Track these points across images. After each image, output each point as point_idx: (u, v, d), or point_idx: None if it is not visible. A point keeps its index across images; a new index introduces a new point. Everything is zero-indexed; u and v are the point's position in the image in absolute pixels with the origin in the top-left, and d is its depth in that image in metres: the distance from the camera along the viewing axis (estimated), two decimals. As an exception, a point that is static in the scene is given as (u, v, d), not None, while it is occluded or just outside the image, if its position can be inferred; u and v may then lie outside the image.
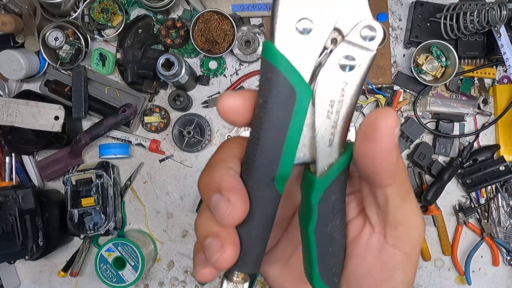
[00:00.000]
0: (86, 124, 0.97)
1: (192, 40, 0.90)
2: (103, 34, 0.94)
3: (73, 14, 0.92)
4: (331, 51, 0.23)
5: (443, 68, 0.91)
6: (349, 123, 0.24)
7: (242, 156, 0.26)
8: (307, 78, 0.23)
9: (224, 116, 0.24)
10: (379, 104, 0.93)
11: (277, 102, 0.23)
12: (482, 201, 0.95)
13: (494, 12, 0.80)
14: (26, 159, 0.95)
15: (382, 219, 0.25)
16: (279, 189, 0.25)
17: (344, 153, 0.24)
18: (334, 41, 0.23)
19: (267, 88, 0.23)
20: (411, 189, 0.25)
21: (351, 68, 0.23)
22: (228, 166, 0.25)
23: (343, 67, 0.23)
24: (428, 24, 0.91)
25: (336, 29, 0.23)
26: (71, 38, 0.92)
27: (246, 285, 0.27)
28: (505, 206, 0.95)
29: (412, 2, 0.93)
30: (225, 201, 0.24)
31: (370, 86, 0.94)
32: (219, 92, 0.96)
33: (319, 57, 0.23)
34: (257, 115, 0.24)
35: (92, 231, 0.90)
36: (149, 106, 0.96)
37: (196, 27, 0.90)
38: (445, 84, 0.94)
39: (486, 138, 0.96)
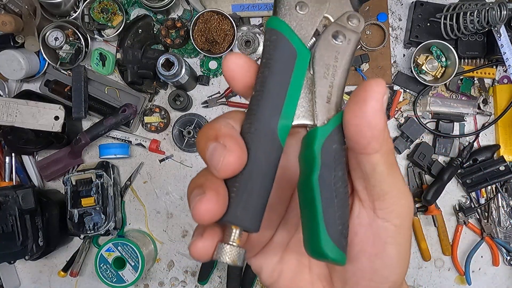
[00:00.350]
0: (86, 124, 0.97)
1: (192, 40, 0.90)
2: (103, 34, 0.94)
3: (73, 14, 0.92)
4: (325, 27, 0.27)
5: (443, 68, 0.91)
6: (344, 86, 0.27)
7: (243, 120, 0.26)
8: (306, 45, 0.27)
9: (227, 73, 0.26)
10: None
11: (280, 59, 0.26)
12: (482, 201, 0.95)
13: (494, 12, 0.80)
14: (26, 159, 0.95)
15: (370, 192, 0.26)
16: (281, 138, 0.25)
17: (341, 111, 0.26)
18: (325, 26, 0.27)
19: (271, 48, 0.26)
20: (396, 162, 0.26)
21: (342, 39, 0.27)
22: (227, 122, 0.26)
23: (335, 37, 0.27)
24: (428, 24, 0.91)
25: (325, 17, 0.27)
26: (71, 38, 0.92)
27: (243, 251, 0.25)
28: (505, 206, 0.95)
29: (412, 2, 0.93)
30: (221, 146, 0.24)
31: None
32: (219, 92, 0.96)
33: (315, 32, 0.27)
34: (261, 72, 0.26)
35: (92, 231, 0.90)
36: (149, 106, 0.96)
37: (196, 27, 0.90)
38: (445, 84, 0.94)
39: (486, 138, 0.96)
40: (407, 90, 0.96)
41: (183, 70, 0.86)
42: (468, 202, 0.96)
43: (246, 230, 0.25)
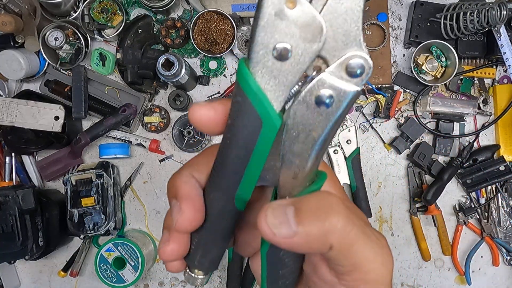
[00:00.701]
0: (86, 124, 0.97)
1: (192, 40, 0.90)
2: (103, 34, 0.94)
3: (73, 14, 0.92)
4: (311, 79, 0.21)
5: (443, 68, 0.91)
6: (319, 158, 0.23)
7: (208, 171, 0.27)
8: (278, 107, 0.21)
9: (195, 125, 0.24)
10: (379, 104, 0.93)
11: (242, 128, 0.22)
12: (482, 201, 0.95)
13: (494, 12, 0.80)
14: (26, 159, 0.95)
15: (340, 269, 0.24)
16: (238, 207, 0.26)
17: (308, 187, 0.23)
18: (317, 69, 0.21)
19: (235, 111, 0.22)
20: (357, 232, 0.22)
21: (328, 105, 0.20)
22: (191, 175, 0.27)
23: (318, 103, 0.21)
24: (428, 24, 0.91)
25: (320, 56, 0.20)
26: (71, 38, 0.92)
27: (202, 276, 0.29)
28: (505, 206, 0.95)
29: (412, 2, 0.93)
30: (177, 208, 0.26)
31: (370, 86, 0.94)
32: (219, 92, 0.96)
33: (296, 85, 0.21)
34: (225, 133, 0.23)
35: (92, 231, 0.90)
36: (149, 106, 0.96)
37: (196, 27, 0.90)
38: (445, 84, 0.94)
39: (486, 138, 0.96)
40: (407, 90, 0.96)
41: (183, 70, 0.86)
42: (468, 202, 0.96)
43: (205, 273, 0.29)
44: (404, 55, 0.96)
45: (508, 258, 0.96)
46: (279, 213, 0.21)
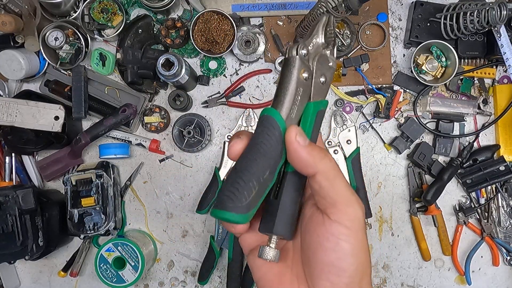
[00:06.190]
0: (86, 124, 0.97)
1: (192, 40, 0.90)
2: (103, 34, 0.94)
3: (73, 14, 0.92)
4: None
5: (443, 68, 0.92)
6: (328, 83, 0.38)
7: None
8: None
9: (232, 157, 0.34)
10: (379, 104, 0.93)
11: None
12: (482, 201, 0.95)
13: (494, 12, 0.80)
14: (26, 159, 0.95)
15: (322, 202, 0.33)
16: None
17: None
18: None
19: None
20: (339, 175, 0.33)
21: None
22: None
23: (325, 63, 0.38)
24: (428, 24, 0.91)
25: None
26: (71, 38, 0.92)
27: (278, 252, 0.34)
28: (505, 206, 0.95)
29: (412, 2, 0.93)
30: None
31: (370, 86, 0.94)
32: (219, 92, 0.96)
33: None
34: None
35: (92, 231, 0.90)
36: (149, 106, 0.96)
37: (196, 27, 0.90)
38: (445, 84, 0.94)
39: (486, 138, 0.96)
40: (407, 90, 0.96)
41: (183, 70, 0.86)
42: (468, 202, 0.96)
43: (284, 238, 0.35)
44: (404, 55, 0.96)
45: (508, 258, 0.96)
46: (303, 132, 0.33)
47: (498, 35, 0.86)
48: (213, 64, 0.96)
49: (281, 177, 0.35)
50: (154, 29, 0.94)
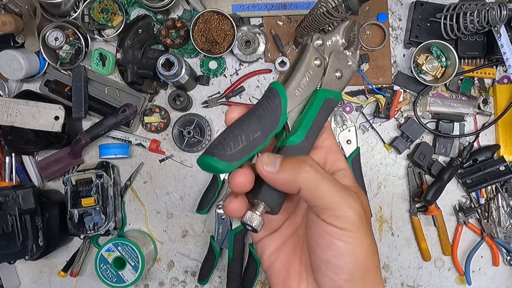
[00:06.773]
0: (86, 124, 0.97)
1: (192, 40, 0.90)
2: (103, 34, 0.94)
3: (73, 14, 0.92)
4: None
5: (443, 68, 0.91)
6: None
7: None
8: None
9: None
10: (379, 104, 0.93)
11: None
12: (482, 201, 0.95)
13: (494, 12, 0.80)
14: (26, 159, 0.95)
15: (315, 210, 0.33)
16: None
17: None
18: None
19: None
20: (319, 183, 0.32)
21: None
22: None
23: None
24: (428, 24, 0.91)
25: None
26: (71, 38, 0.92)
27: (262, 221, 0.34)
28: (505, 206, 0.95)
29: (412, 2, 0.93)
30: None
31: (370, 86, 0.94)
32: (219, 92, 0.96)
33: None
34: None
35: (92, 231, 0.90)
36: (149, 106, 0.96)
37: (196, 27, 0.90)
38: (445, 84, 0.94)
39: (486, 138, 0.96)
40: (407, 90, 0.96)
41: (183, 70, 0.86)
42: (468, 202, 0.96)
43: (270, 209, 0.34)
44: (404, 55, 0.96)
45: (508, 258, 0.96)
46: (271, 158, 0.33)
47: (498, 35, 0.86)
48: (213, 64, 0.96)
49: (275, 151, 0.35)
50: (154, 29, 0.94)
